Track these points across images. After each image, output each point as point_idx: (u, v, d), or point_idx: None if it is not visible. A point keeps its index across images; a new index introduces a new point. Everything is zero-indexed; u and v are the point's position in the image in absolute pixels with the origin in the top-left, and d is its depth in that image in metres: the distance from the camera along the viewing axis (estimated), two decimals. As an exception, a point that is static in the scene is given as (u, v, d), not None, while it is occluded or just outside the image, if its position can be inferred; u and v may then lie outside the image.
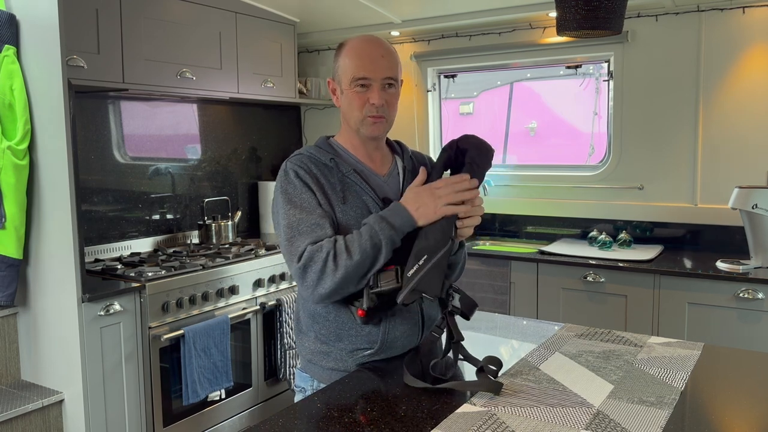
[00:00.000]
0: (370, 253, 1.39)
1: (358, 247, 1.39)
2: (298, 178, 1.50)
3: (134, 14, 2.85)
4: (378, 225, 1.41)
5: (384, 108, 1.52)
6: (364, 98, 1.51)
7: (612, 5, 2.06)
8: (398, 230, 1.41)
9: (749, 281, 2.59)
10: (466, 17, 3.44)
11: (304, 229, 1.45)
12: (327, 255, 1.40)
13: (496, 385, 1.33)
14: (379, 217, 1.43)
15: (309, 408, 1.30)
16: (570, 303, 3.01)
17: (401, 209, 1.43)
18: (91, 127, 3.07)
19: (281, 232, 1.49)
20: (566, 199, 3.52)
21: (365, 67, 1.50)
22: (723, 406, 1.31)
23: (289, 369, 3.20)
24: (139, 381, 2.63)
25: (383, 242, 1.39)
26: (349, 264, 1.39)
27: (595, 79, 3.55)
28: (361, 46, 1.54)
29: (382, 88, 1.52)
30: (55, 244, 2.47)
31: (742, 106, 3.03)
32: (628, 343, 1.63)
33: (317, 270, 1.40)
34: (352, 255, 1.39)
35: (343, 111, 1.58)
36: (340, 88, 1.56)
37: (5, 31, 2.41)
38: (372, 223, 1.42)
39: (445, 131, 3.99)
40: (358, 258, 1.38)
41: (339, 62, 1.55)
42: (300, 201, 1.48)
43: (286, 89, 3.70)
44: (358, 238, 1.41)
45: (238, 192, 3.86)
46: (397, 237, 1.41)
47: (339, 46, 1.58)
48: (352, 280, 1.41)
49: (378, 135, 1.57)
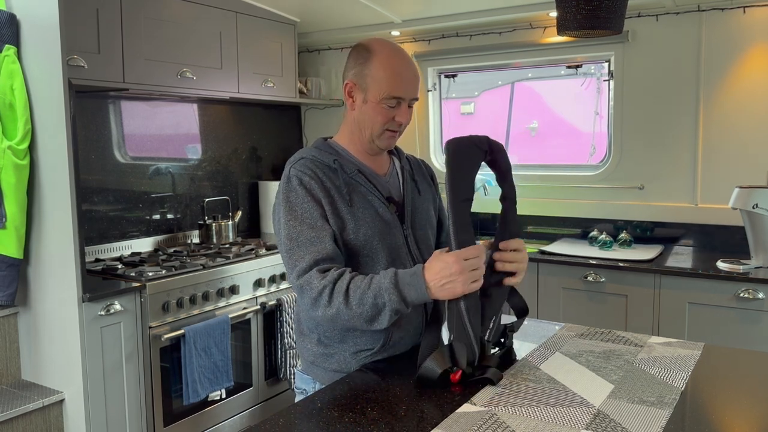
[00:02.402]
0: (368, 312, 1.37)
1: (358, 298, 1.37)
2: (301, 186, 1.48)
3: (134, 14, 2.85)
4: (389, 292, 1.35)
5: (404, 125, 1.55)
6: (391, 115, 1.51)
7: (612, 5, 2.06)
8: (408, 304, 1.37)
9: (750, 281, 2.59)
10: (467, 17, 3.43)
11: (303, 241, 1.44)
12: (324, 288, 1.38)
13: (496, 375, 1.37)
14: (394, 282, 1.36)
15: (309, 408, 1.30)
16: (570, 303, 3.01)
17: (421, 284, 1.35)
18: (91, 126, 3.07)
19: (281, 241, 1.49)
20: (567, 199, 3.52)
21: (402, 87, 1.50)
22: (723, 406, 1.31)
23: (289, 369, 3.20)
24: (140, 381, 2.63)
25: (387, 307, 1.36)
26: (342, 308, 1.38)
27: (596, 78, 3.55)
28: (397, 62, 1.51)
29: (408, 106, 1.53)
30: (55, 243, 2.47)
31: (742, 105, 3.03)
32: (628, 343, 1.63)
33: (312, 297, 1.40)
34: (349, 302, 1.37)
35: (360, 119, 1.54)
36: (363, 96, 1.52)
37: (6, 30, 2.41)
38: (385, 284, 1.36)
39: (446, 131, 3.99)
40: (354, 310, 1.37)
41: (370, 70, 1.50)
42: (301, 211, 1.46)
43: (286, 89, 3.69)
44: (363, 289, 1.37)
45: (238, 192, 3.86)
46: (405, 309, 1.38)
47: (363, 50, 1.53)
48: (343, 322, 1.41)
49: (391, 147, 1.59)
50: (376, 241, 1.51)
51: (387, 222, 1.54)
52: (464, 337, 1.36)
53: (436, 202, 1.75)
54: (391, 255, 1.53)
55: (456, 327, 1.37)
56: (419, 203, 1.65)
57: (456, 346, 1.37)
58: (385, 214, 1.54)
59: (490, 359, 1.40)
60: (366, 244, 1.50)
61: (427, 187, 1.72)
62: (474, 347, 1.37)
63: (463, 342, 1.37)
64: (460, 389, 1.35)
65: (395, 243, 1.55)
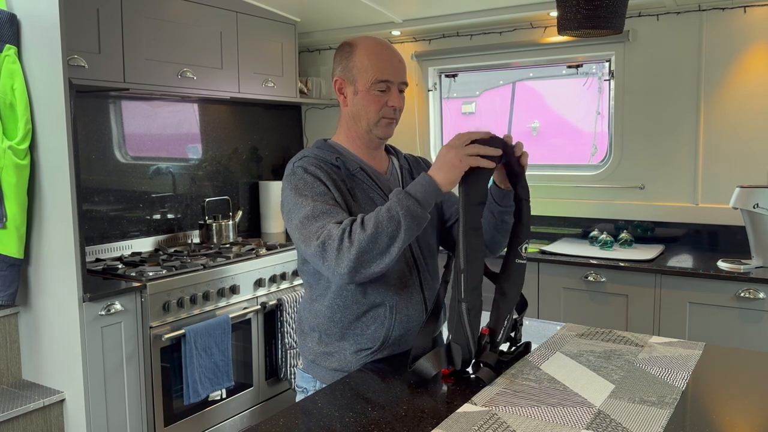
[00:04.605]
0: (386, 225, 1.33)
1: (374, 219, 1.34)
2: (307, 173, 1.49)
3: (135, 14, 2.85)
4: (396, 196, 1.35)
5: (399, 110, 1.56)
6: (383, 101, 1.53)
7: (613, 4, 2.06)
8: (421, 200, 1.35)
9: (750, 281, 2.59)
10: (467, 17, 3.43)
11: (318, 214, 1.41)
12: (343, 232, 1.35)
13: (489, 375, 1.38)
14: (399, 189, 1.38)
15: (310, 407, 1.30)
16: (571, 303, 3.00)
17: (423, 177, 1.37)
18: (92, 126, 3.07)
19: (295, 226, 1.44)
20: (567, 199, 3.52)
21: (388, 70, 1.52)
22: (724, 405, 1.31)
23: (290, 369, 3.20)
24: (140, 380, 2.63)
25: (401, 213, 1.33)
26: (362, 239, 1.33)
27: (597, 78, 3.55)
28: (379, 49, 1.54)
29: (399, 91, 1.55)
30: (56, 243, 2.47)
31: (743, 105, 3.03)
32: (629, 343, 1.62)
33: (334, 248, 1.35)
34: (366, 228, 1.34)
35: (353, 111, 1.56)
36: (353, 88, 1.54)
37: (6, 30, 2.41)
38: (392, 196, 1.37)
39: (447, 131, 3.99)
40: (372, 230, 1.33)
41: (354, 62, 1.53)
42: (312, 192, 1.45)
43: (286, 89, 3.69)
44: (376, 213, 1.36)
45: (238, 192, 3.86)
46: (418, 207, 1.34)
47: (345, 45, 1.56)
48: (370, 254, 1.34)
49: (389, 135, 1.59)
50: None
51: None
52: (462, 338, 1.38)
53: None
54: None
55: (456, 327, 1.38)
56: None
57: (453, 347, 1.38)
58: None
59: (488, 356, 1.41)
60: None
61: None
62: (471, 348, 1.38)
63: (460, 343, 1.38)
64: (452, 381, 1.39)
65: None
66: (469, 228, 1.38)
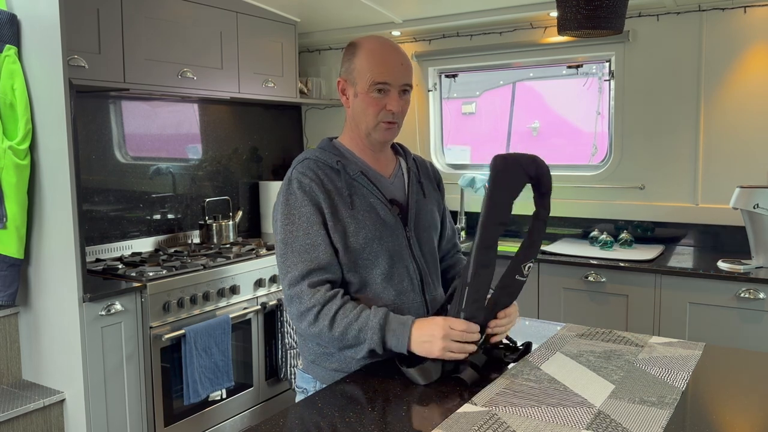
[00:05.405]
0: (349, 342, 1.41)
1: (343, 327, 1.40)
2: (301, 189, 1.48)
3: (135, 14, 2.85)
4: (372, 331, 1.39)
5: (398, 114, 1.52)
6: (382, 104, 1.50)
7: (613, 5, 2.06)
8: (386, 349, 1.41)
9: (750, 281, 2.59)
10: (467, 17, 3.43)
11: (297, 247, 1.45)
12: (313, 306, 1.42)
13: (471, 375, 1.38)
14: (381, 324, 1.40)
15: (310, 408, 1.30)
16: (571, 303, 3.00)
17: (404, 336, 1.39)
18: (92, 126, 3.07)
19: (277, 244, 1.51)
20: (567, 199, 3.52)
21: (386, 73, 1.48)
22: (724, 406, 1.31)
23: (290, 369, 3.20)
24: (140, 381, 2.63)
25: (366, 344, 1.40)
26: (325, 331, 1.42)
27: (597, 78, 3.55)
28: (380, 50, 1.51)
29: (400, 94, 1.51)
30: (56, 243, 2.47)
31: (743, 105, 3.03)
32: (629, 343, 1.62)
33: (299, 311, 1.44)
34: (333, 329, 1.41)
35: (353, 114, 1.55)
36: (353, 90, 1.52)
37: (6, 31, 2.41)
38: (373, 323, 1.40)
39: (447, 131, 3.99)
40: (336, 336, 1.41)
41: (354, 63, 1.51)
42: (299, 215, 1.47)
43: (287, 89, 3.69)
44: (351, 320, 1.41)
45: (239, 192, 3.86)
46: (381, 352, 1.41)
47: (350, 46, 1.55)
48: (326, 340, 1.44)
49: (389, 140, 1.58)
50: (376, 244, 1.51)
51: (388, 224, 1.54)
52: None
53: (441, 205, 1.75)
54: (391, 257, 1.53)
55: None
56: (423, 205, 1.64)
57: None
58: (387, 216, 1.54)
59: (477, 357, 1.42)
60: (366, 246, 1.50)
61: (433, 191, 1.71)
62: None
63: None
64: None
65: (396, 245, 1.54)
66: (483, 246, 1.39)
